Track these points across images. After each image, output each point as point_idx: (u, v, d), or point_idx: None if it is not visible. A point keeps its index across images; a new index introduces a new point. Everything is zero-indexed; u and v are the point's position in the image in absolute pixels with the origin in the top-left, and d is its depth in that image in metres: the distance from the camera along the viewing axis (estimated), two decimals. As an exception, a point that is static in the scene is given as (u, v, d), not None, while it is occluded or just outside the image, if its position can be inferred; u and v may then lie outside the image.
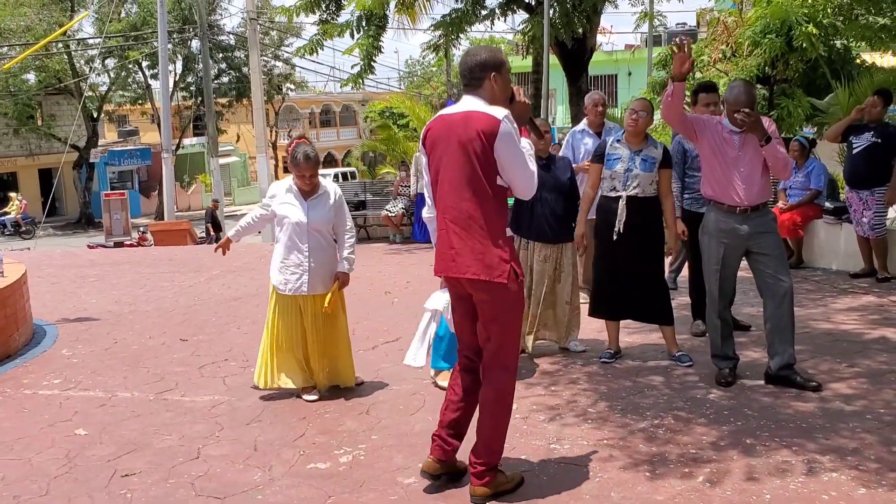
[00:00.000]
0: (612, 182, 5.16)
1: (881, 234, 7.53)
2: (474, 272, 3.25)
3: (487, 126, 3.22)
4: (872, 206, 7.47)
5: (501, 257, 3.25)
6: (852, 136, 7.56)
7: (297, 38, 36.70)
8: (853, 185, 7.61)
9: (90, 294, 9.00)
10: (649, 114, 5.16)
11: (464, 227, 3.28)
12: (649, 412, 4.37)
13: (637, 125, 5.11)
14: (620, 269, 5.17)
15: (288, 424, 4.45)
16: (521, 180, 3.31)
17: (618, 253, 5.14)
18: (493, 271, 3.23)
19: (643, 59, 28.58)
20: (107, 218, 22.40)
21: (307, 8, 12.85)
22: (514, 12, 13.37)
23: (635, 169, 5.06)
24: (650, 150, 5.13)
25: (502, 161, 3.26)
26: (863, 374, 4.86)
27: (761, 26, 11.11)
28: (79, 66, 31.50)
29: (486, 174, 3.26)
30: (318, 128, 46.65)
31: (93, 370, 5.71)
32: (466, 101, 3.35)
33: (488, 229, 3.26)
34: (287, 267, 4.77)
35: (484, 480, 3.36)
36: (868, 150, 7.40)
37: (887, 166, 7.32)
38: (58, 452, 4.13)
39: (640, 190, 5.08)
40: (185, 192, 39.12)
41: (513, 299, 3.30)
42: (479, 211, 3.26)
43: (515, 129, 3.27)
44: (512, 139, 3.24)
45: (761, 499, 3.31)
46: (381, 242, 12.89)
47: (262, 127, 19.95)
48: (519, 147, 3.27)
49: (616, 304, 5.27)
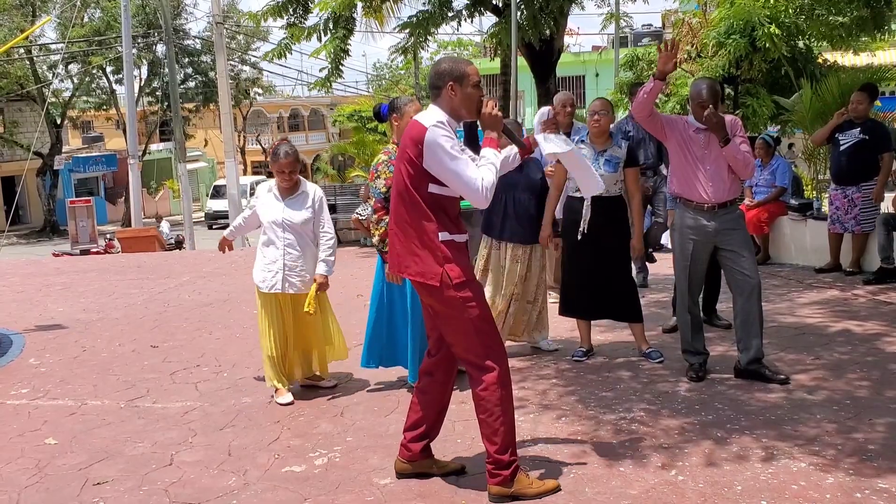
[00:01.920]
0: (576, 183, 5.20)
1: (867, 230, 7.56)
2: (410, 273, 3.38)
3: (416, 134, 3.27)
4: (858, 203, 7.51)
5: (435, 261, 3.30)
6: (839, 134, 7.57)
7: (264, 42, 36.49)
8: (839, 182, 7.62)
9: (57, 302, 8.87)
10: (609, 113, 5.25)
11: (402, 230, 3.39)
12: (620, 408, 4.41)
13: (599, 125, 5.18)
14: (587, 269, 5.22)
15: (262, 428, 4.43)
16: (460, 189, 3.30)
17: (584, 252, 5.19)
18: (426, 274, 3.32)
19: (610, 60, 28.82)
20: (72, 225, 22.07)
21: (274, 12, 12.77)
22: (481, 14, 13.42)
23: (599, 170, 5.11)
24: (614, 150, 5.19)
25: (432, 169, 3.28)
26: (827, 366, 4.96)
27: (725, 27, 11.29)
28: (41, 71, 31.02)
29: (413, 181, 3.30)
30: (286, 132, 46.34)
31: (61, 379, 5.63)
32: (428, 110, 3.40)
33: (419, 234, 3.33)
34: (265, 265, 4.87)
35: (495, 479, 3.36)
36: (855, 147, 7.42)
37: (874, 162, 7.38)
38: (28, 462, 4.07)
39: (605, 190, 5.14)
40: (153, 198, 38.68)
41: (455, 302, 3.31)
42: (410, 216, 3.34)
43: (447, 138, 3.24)
44: (437, 148, 3.23)
45: (732, 490, 3.36)
46: (352, 246, 12.86)
47: (230, 132, 19.80)
48: (449, 156, 3.23)
49: (584, 303, 5.32)
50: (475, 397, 3.40)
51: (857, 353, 5.24)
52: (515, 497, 3.35)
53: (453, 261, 3.32)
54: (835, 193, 7.74)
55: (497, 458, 3.35)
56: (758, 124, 11.48)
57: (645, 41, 28.39)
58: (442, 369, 3.60)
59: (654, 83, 4.54)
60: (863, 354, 5.19)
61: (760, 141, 8.70)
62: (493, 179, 3.31)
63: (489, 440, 3.37)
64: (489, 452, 3.37)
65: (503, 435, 3.34)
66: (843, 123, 7.60)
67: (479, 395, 3.37)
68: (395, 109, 4.68)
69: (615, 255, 5.22)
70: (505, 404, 3.36)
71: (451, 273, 3.30)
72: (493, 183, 3.31)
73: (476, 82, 3.37)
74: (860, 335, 5.64)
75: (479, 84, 3.39)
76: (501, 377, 3.36)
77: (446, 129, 3.27)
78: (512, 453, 3.37)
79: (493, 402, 3.34)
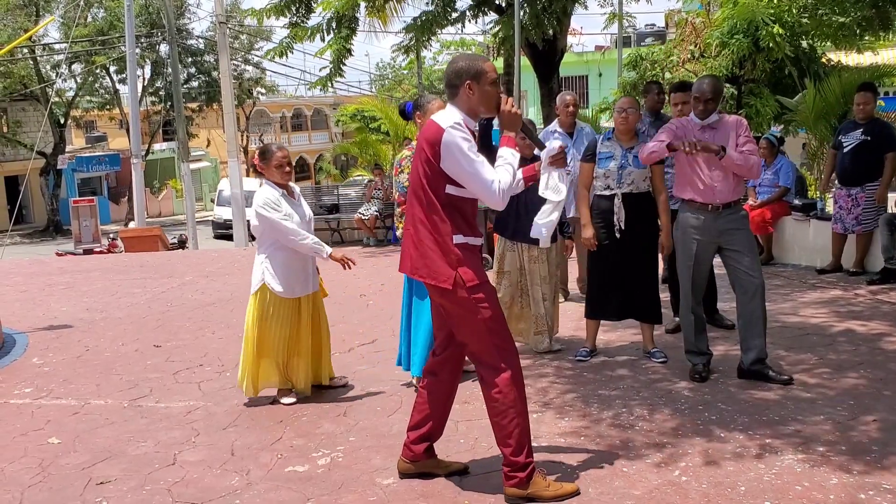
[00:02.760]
0: (605, 181, 5.18)
1: (868, 230, 7.56)
2: (421, 275, 3.36)
3: (433, 135, 3.26)
4: (861, 203, 7.52)
5: (448, 263, 3.29)
6: (842, 136, 7.59)
7: (267, 41, 36.50)
8: (844, 183, 7.64)
9: (60, 302, 8.88)
10: (637, 110, 5.22)
11: (416, 231, 3.37)
12: (624, 408, 4.41)
13: (627, 122, 5.14)
14: (616, 269, 5.18)
15: (265, 428, 4.43)
16: (477, 190, 3.29)
17: (613, 251, 5.15)
18: (438, 276, 3.30)
19: (613, 59, 28.77)
20: (75, 225, 22.09)
21: (277, 11, 12.78)
22: (484, 14, 13.41)
23: (629, 166, 5.09)
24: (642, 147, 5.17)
25: (449, 171, 3.27)
26: (830, 366, 4.95)
27: (728, 27, 11.27)
28: (45, 71, 31.05)
29: (430, 182, 3.29)
30: (289, 132, 46.40)
31: (65, 378, 5.63)
32: (445, 110, 3.38)
33: (434, 235, 3.31)
34: (294, 271, 4.75)
35: (511, 482, 3.34)
36: (858, 148, 7.43)
37: (878, 163, 7.36)
38: (31, 462, 4.07)
39: (635, 186, 5.12)
40: (156, 197, 38.71)
41: (468, 304, 3.30)
42: (426, 217, 3.33)
43: (464, 139, 3.22)
44: (455, 149, 3.22)
45: (736, 491, 3.36)
46: (355, 246, 12.87)
47: (233, 131, 19.79)
48: (466, 157, 3.22)
49: (613, 304, 5.27)
50: (488, 399, 3.37)
51: (860, 353, 5.23)
52: (531, 499, 3.33)
53: (466, 263, 3.31)
54: (839, 193, 7.75)
55: (512, 460, 3.33)
56: (761, 124, 11.45)
57: (648, 41, 28.34)
58: (446, 369, 3.59)
59: (663, 150, 4.71)
60: (866, 354, 5.18)
61: (764, 140, 8.69)
62: (510, 181, 3.29)
63: (503, 443, 3.35)
64: (504, 455, 3.36)
65: (517, 437, 3.32)
66: (846, 125, 7.59)
67: (492, 397, 3.35)
68: (419, 107, 4.71)
69: (645, 254, 5.20)
70: (518, 406, 3.33)
71: (464, 276, 3.28)
72: (510, 184, 3.29)
73: (494, 79, 3.33)
74: (863, 335, 5.63)
75: (497, 81, 3.35)
76: (514, 378, 3.33)
77: (463, 130, 3.25)
78: (527, 455, 3.34)
79: (507, 403, 3.32)
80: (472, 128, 3.34)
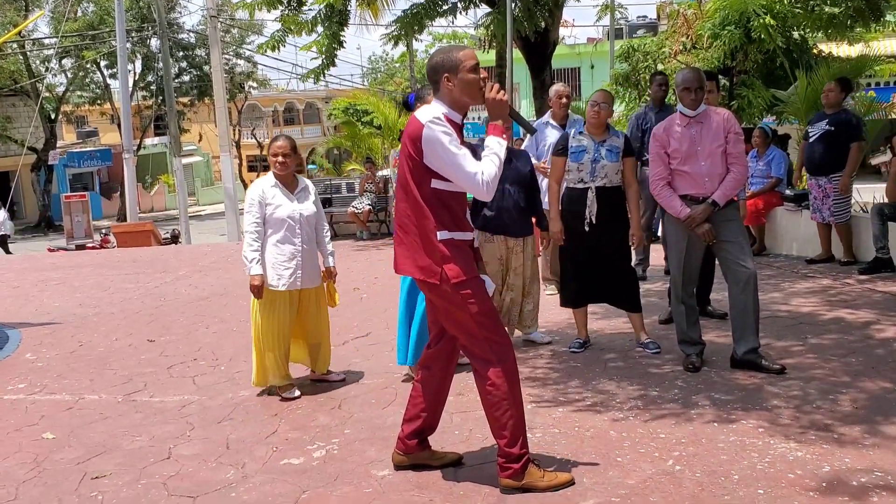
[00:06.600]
0: (578, 174, 5.21)
1: (843, 220, 7.63)
2: (409, 271, 3.38)
3: (414, 131, 3.26)
4: (830, 194, 7.60)
5: (433, 259, 3.29)
6: (809, 126, 7.72)
7: (258, 35, 36.38)
8: (811, 172, 7.77)
9: (53, 297, 8.85)
10: (610, 105, 5.28)
11: (402, 227, 3.39)
12: (616, 398, 4.42)
13: (599, 117, 5.19)
14: (589, 260, 5.23)
15: (260, 421, 4.44)
16: (461, 182, 3.28)
17: (587, 243, 5.20)
18: (425, 272, 3.32)
19: (605, 52, 28.74)
20: (67, 220, 22.04)
21: (269, 4, 12.73)
22: (475, 6, 13.39)
23: (602, 159, 5.12)
24: (613, 140, 5.20)
25: (432, 165, 3.27)
26: (823, 355, 4.97)
27: (720, 18, 11.27)
28: (35, 66, 30.90)
29: (415, 178, 3.30)
30: (281, 126, 46.27)
31: (58, 373, 5.63)
32: (429, 105, 3.39)
33: (420, 231, 3.32)
34: (280, 262, 4.79)
35: (506, 473, 3.36)
36: (822, 138, 7.52)
37: (842, 153, 7.43)
38: (25, 457, 4.07)
39: (608, 180, 5.15)
40: (148, 193, 38.59)
41: (456, 299, 3.30)
42: (411, 213, 3.34)
43: (444, 133, 3.21)
44: (436, 143, 3.21)
45: (729, 479, 3.38)
46: (348, 239, 12.86)
47: (225, 126, 19.74)
48: (447, 150, 3.21)
49: (584, 289, 5.33)
50: (482, 392, 3.38)
51: (850, 340, 5.26)
52: (526, 490, 3.34)
53: (452, 260, 3.29)
54: (811, 183, 7.86)
55: (507, 451, 3.34)
56: (753, 115, 11.47)
57: (640, 32, 28.33)
58: (440, 363, 3.60)
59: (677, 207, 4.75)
60: (856, 342, 5.22)
61: (758, 130, 8.73)
62: (495, 171, 3.25)
63: (498, 434, 3.36)
64: (499, 446, 3.37)
65: (512, 429, 3.33)
66: (815, 116, 7.69)
67: (485, 390, 3.35)
68: (421, 99, 4.71)
69: (617, 245, 5.24)
70: (512, 398, 3.33)
71: (449, 273, 3.28)
72: (495, 175, 3.25)
73: (472, 66, 3.27)
74: (854, 323, 5.67)
75: (476, 67, 3.29)
76: (507, 371, 3.34)
77: (443, 124, 3.24)
78: (522, 446, 3.35)
79: (500, 395, 3.32)
80: (456, 121, 3.32)
